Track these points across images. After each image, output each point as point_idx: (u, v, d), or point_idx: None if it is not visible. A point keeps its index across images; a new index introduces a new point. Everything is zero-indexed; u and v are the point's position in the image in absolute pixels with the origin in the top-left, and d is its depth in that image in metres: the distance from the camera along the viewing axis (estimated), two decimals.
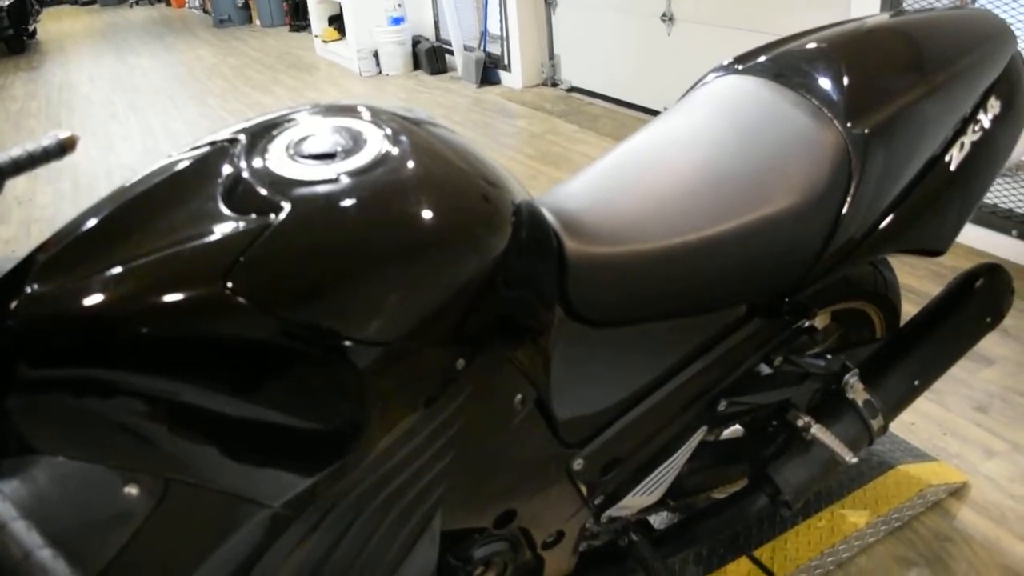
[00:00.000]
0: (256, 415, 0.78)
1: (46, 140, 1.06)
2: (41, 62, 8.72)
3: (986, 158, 1.39)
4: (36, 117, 6.43)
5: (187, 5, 13.51)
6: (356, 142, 0.89)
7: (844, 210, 1.20)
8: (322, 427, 0.82)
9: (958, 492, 1.92)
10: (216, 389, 0.75)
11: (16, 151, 1.02)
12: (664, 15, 4.65)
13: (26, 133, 5.94)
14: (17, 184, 4.68)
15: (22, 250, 0.76)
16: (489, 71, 6.24)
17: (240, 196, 0.81)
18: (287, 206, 0.79)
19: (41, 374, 0.73)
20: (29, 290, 0.73)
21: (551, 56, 5.90)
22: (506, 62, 6.08)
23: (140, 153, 5.27)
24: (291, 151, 0.87)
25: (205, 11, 12.04)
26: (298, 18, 9.75)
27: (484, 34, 6.22)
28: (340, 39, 7.69)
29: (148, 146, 5.42)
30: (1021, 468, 1.97)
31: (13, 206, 4.45)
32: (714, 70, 1.45)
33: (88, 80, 7.69)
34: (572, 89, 5.76)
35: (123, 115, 6.27)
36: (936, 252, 1.40)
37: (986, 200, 2.96)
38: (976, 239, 2.99)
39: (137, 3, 14.84)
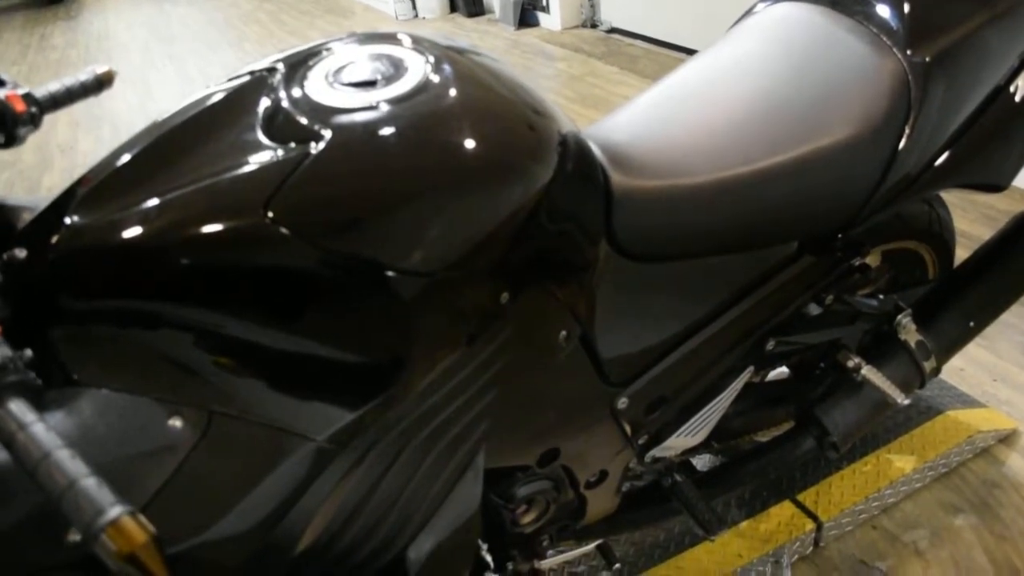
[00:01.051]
0: (299, 347, 0.77)
1: (84, 75, 1.06)
2: (79, 11, 8.72)
3: None
4: (76, 65, 6.45)
5: None
6: (397, 69, 0.86)
7: (902, 142, 1.15)
8: (366, 360, 0.80)
9: (1008, 439, 1.89)
10: (258, 320, 0.75)
11: (54, 86, 1.02)
12: None
13: None
14: (59, 132, 4.72)
15: None
16: (527, 13, 6.11)
17: (280, 125, 0.79)
18: (327, 134, 0.77)
19: (83, 305, 0.72)
20: (69, 222, 0.72)
21: None
22: (544, 3, 5.94)
23: (178, 99, 5.25)
24: (331, 79, 0.84)
25: None
26: None
27: None
28: None
29: (186, 92, 5.42)
30: None
31: (56, 153, 4.49)
32: None
33: (126, 28, 7.69)
34: (612, 30, 5.62)
35: (160, 62, 6.27)
36: (997, 188, 1.35)
37: None
38: None
39: None
